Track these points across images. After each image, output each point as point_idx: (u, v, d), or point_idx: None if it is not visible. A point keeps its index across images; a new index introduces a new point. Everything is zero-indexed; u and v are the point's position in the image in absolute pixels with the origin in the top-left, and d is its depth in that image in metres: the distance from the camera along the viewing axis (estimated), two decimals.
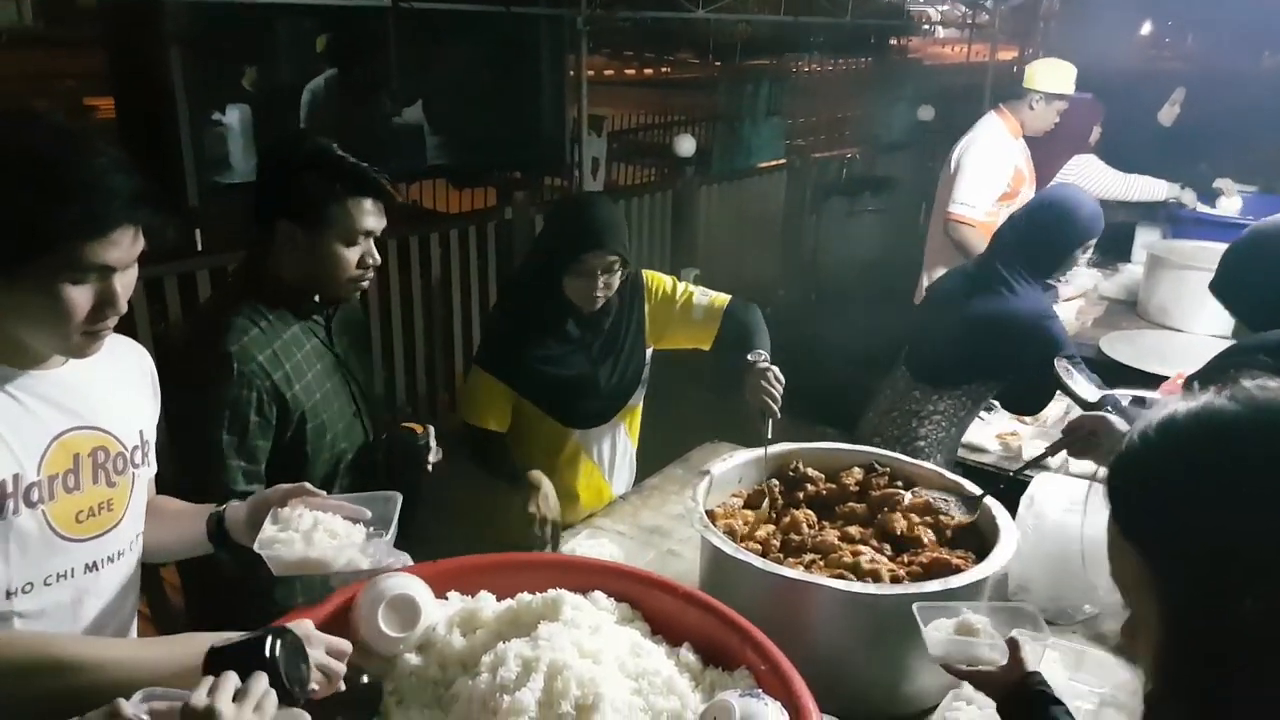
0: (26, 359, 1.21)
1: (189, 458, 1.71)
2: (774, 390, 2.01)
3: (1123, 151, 4.60)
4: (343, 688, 1.15)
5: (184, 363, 1.72)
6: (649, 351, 2.37)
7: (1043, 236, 2.56)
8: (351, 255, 1.75)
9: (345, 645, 1.19)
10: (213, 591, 1.78)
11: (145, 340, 3.36)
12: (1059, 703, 1.27)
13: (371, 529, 1.38)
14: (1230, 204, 4.69)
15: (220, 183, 4.93)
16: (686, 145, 5.77)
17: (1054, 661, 1.67)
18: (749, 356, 2.11)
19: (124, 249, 1.14)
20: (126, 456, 1.32)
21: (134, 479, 1.34)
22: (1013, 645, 1.29)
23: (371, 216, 1.75)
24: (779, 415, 2.01)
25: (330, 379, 1.84)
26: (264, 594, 1.70)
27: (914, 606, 1.41)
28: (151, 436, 1.40)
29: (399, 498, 1.41)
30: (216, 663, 1.02)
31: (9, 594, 1.19)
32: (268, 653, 1.02)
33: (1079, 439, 1.88)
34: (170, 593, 2.26)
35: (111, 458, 1.29)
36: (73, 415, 1.25)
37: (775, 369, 2.05)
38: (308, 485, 1.38)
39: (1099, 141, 4.75)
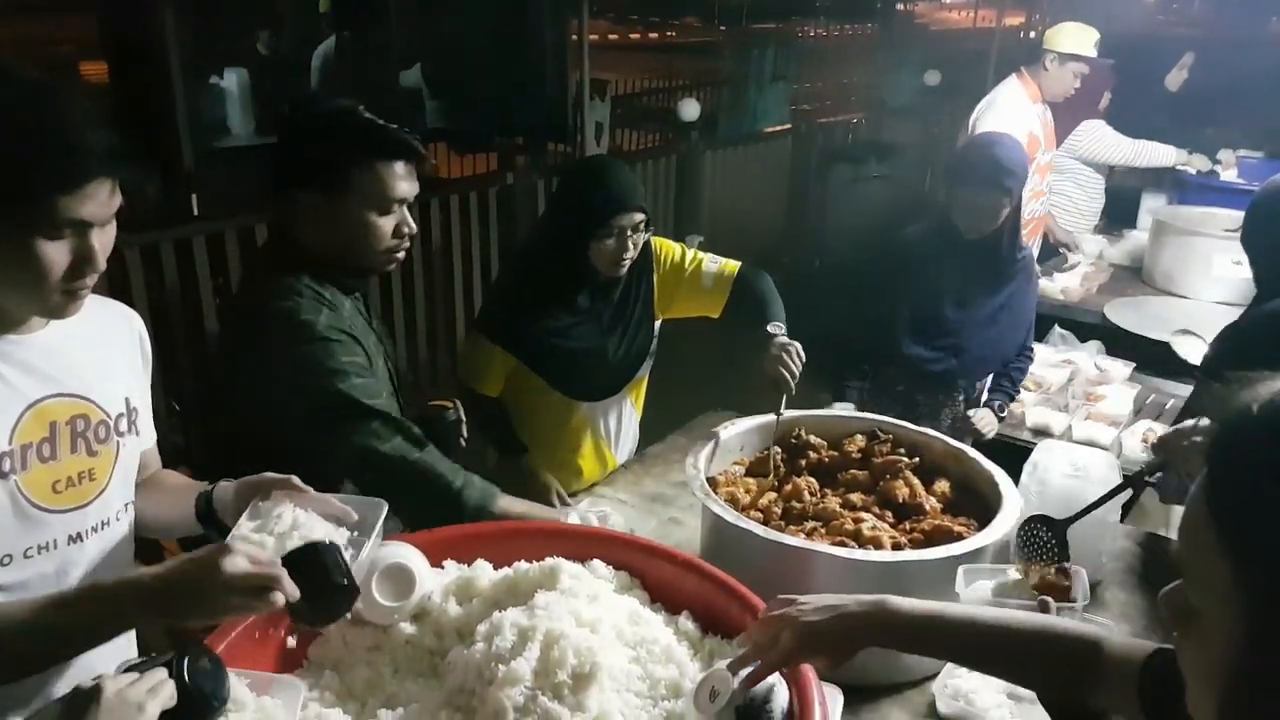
0: (3, 323, 1.18)
1: (322, 428, 1.61)
2: (793, 366, 1.98)
3: (1129, 116, 4.53)
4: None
5: (281, 361, 1.60)
6: (657, 324, 2.34)
7: None
8: (386, 224, 1.67)
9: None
10: None
11: (141, 308, 3.34)
12: None
13: (354, 533, 1.29)
14: (1228, 175, 4.63)
15: (217, 147, 4.88)
16: (691, 110, 5.69)
17: None
18: (769, 329, 2.08)
19: (100, 203, 1.11)
20: (110, 425, 1.29)
21: (119, 448, 1.30)
22: (1043, 606, 1.26)
23: (404, 182, 1.67)
24: (794, 391, 1.99)
25: (378, 356, 1.79)
26: None
27: (960, 569, 1.44)
28: (142, 405, 1.37)
29: (384, 507, 1.32)
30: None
31: None
32: (173, 671, 1.01)
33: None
34: None
35: (92, 426, 1.26)
36: (50, 382, 1.22)
37: (797, 345, 2.01)
38: (295, 479, 1.30)
39: (1109, 107, 4.69)
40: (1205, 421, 1.62)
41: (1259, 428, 0.66)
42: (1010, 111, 3.80)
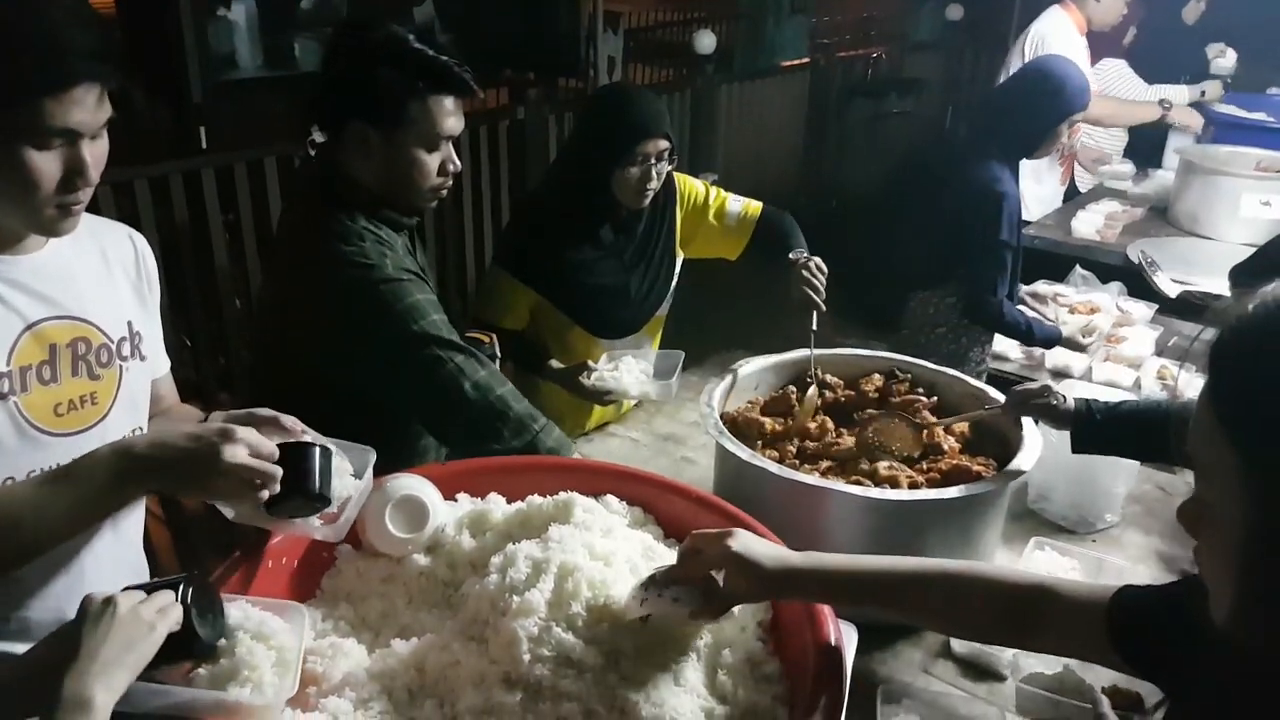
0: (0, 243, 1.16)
1: (404, 368, 1.58)
2: (817, 282, 2.00)
3: (1145, 49, 4.37)
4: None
5: (355, 306, 1.55)
6: (679, 261, 2.30)
7: (1027, 105, 2.49)
8: (433, 161, 1.62)
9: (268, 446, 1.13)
10: None
11: (151, 241, 3.31)
12: None
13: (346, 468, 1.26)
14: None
15: (226, 79, 4.80)
16: (706, 42, 5.55)
17: (1073, 570, 1.64)
18: (790, 255, 2.11)
19: (89, 110, 1.07)
20: (112, 349, 1.27)
21: (122, 372, 1.29)
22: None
23: (453, 117, 1.62)
24: (824, 308, 2.00)
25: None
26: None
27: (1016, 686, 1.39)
28: (148, 330, 1.35)
29: (373, 455, 1.29)
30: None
31: None
32: (179, 596, 1.01)
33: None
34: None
35: (94, 349, 1.25)
36: (50, 304, 1.20)
37: (818, 259, 2.03)
38: (283, 418, 1.22)
39: (1134, 43, 4.53)
40: None
41: (1251, 324, 0.71)
42: (1067, 41, 3.65)
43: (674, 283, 2.30)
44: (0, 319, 1.15)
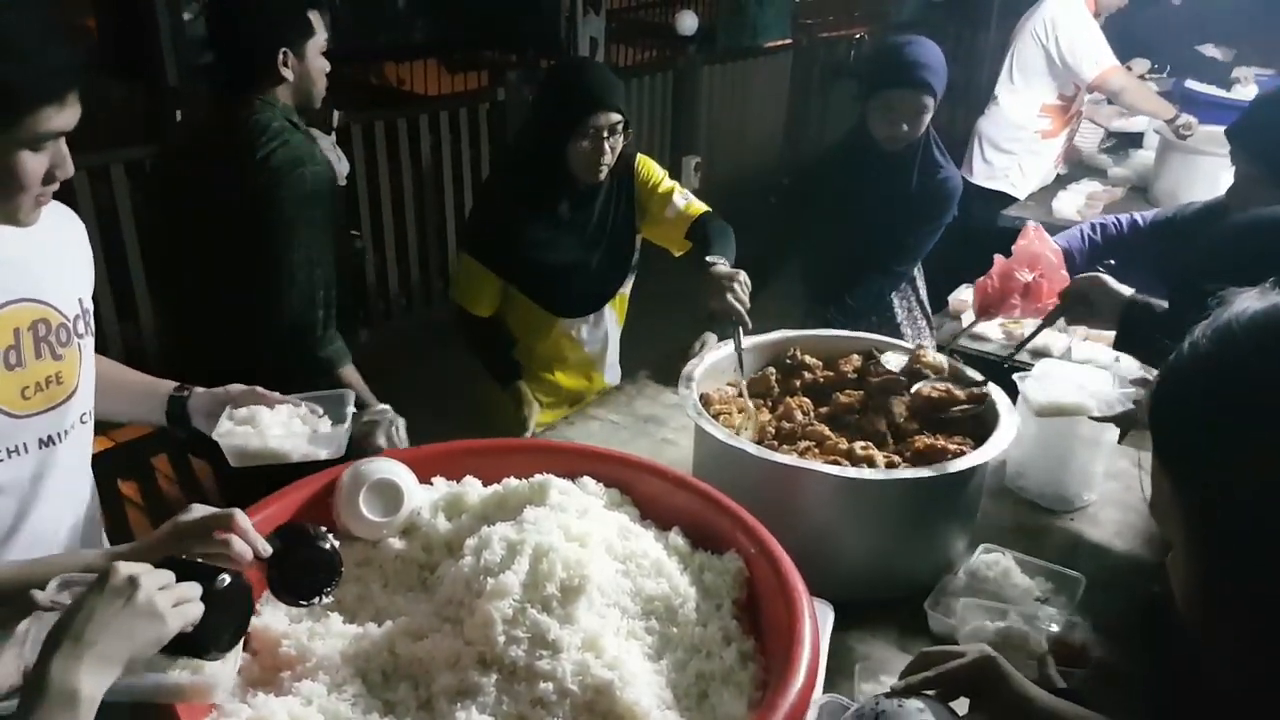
0: None
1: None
2: (741, 295, 1.88)
3: (1131, 32, 4.37)
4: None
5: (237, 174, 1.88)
6: (639, 238, 2.29)
7: None
8: (323, 67, 2.04)
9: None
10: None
11: (127, 224, 3.27)
12: None
13: (329, 421, 1.43)
14: (1246, 92, 4.51)
15: (200, 64, 4.74)
16: (689, 22, 5.53)
17: (1049, 548, 1.66)
18: (707, 258, 1.98)
19: (75, 112, 1.12)
20: (69, 327, 1.29)
21: (80, 349, 1.31)
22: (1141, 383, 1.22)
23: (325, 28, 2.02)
24: (749, 323, 1.89)
25: None
26: None
27: (961, 604, 1.45)
28: (90, 305, 1.37)
29: (352, 395, 1.48)
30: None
31: None
32: (205, 591, 0.95)
33: (1072, 305, 1.84)
34: (162, 482, 2.24)
35: (54, 329, 1.26)
36: (8, 289, 1.21)
37: (742, 274, 1.91)
38: (259, 389, 1.43)
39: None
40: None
41: (1182, 360, 0.73)
42: (1078, 29, 3.63)
43: (635, 258, 2.29)
44: None
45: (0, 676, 0.92)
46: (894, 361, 1.88)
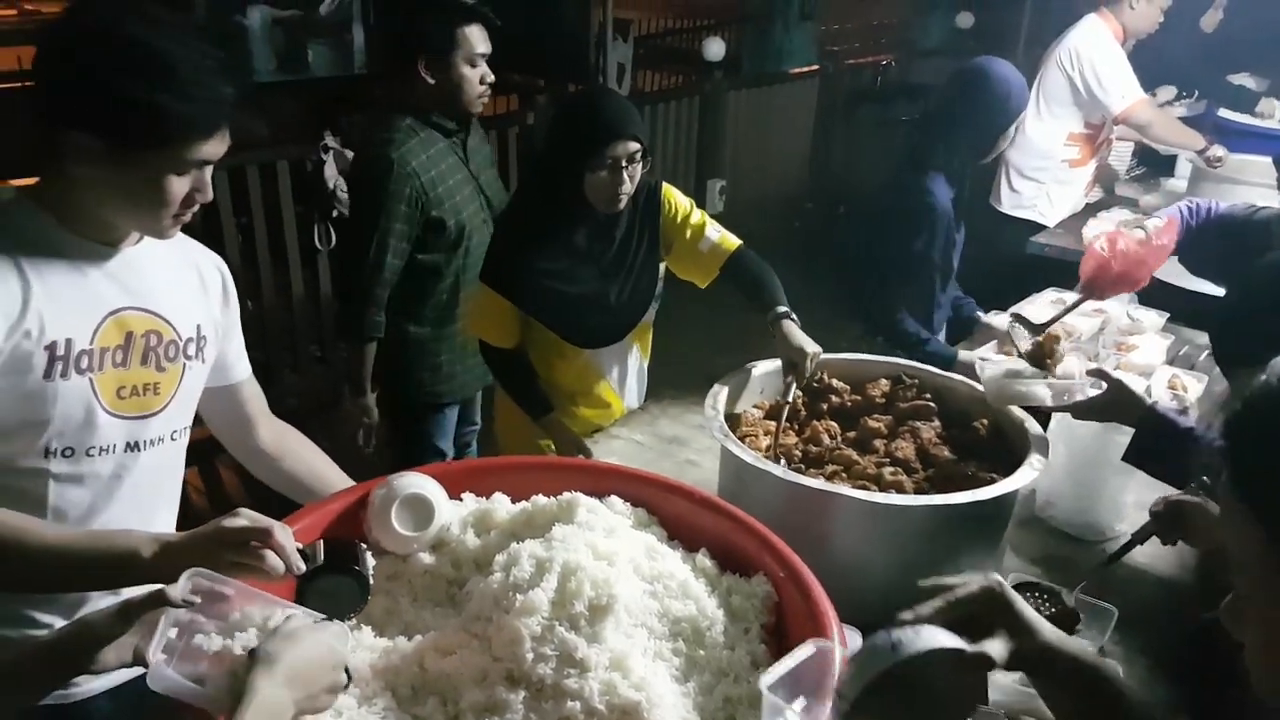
0: (102, 235, 1.25)
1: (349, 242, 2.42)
2: (808, 367, 1.90)
3: (1161, 60, 4.34)
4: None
5: (355, 167, 2.33)
6: (663, 266, 2.28)
7: (973, 113, 2.52)
8: (475, 75, 2.40)
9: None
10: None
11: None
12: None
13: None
14: (1274, 123, 4.47)
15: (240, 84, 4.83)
16: (715, 48, 5.55)
17: (1078, 579, 1.63)
18: (779, 308, 2.01)
19: (224, 142, 1.22)
20: (179, 345, 1.35)
21: (184, 370, 1.36)
22: (1099, 374, 1.23)
23: (483, 42, 2.40)
24: (804, 381, 1.91)
25: (466, 188, 2.48)
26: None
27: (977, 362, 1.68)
28: (214, 336, 1.42)
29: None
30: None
31: (47, 453, 1.23)
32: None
33: (1166, 522, 1.63)
34: (192, 494, 2.27)
35: (164, 343, 1.33)
36: (131, 295, 1.29)
37: (820, 353, 1.92)
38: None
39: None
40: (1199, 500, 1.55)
41: (1263, 399, 0.70)
42: (1104, 57, 3.60)
43: (658, 289, 2.25)
44: (91, 301, 1.25)
45: (113, 656, 0.99)
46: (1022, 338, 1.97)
